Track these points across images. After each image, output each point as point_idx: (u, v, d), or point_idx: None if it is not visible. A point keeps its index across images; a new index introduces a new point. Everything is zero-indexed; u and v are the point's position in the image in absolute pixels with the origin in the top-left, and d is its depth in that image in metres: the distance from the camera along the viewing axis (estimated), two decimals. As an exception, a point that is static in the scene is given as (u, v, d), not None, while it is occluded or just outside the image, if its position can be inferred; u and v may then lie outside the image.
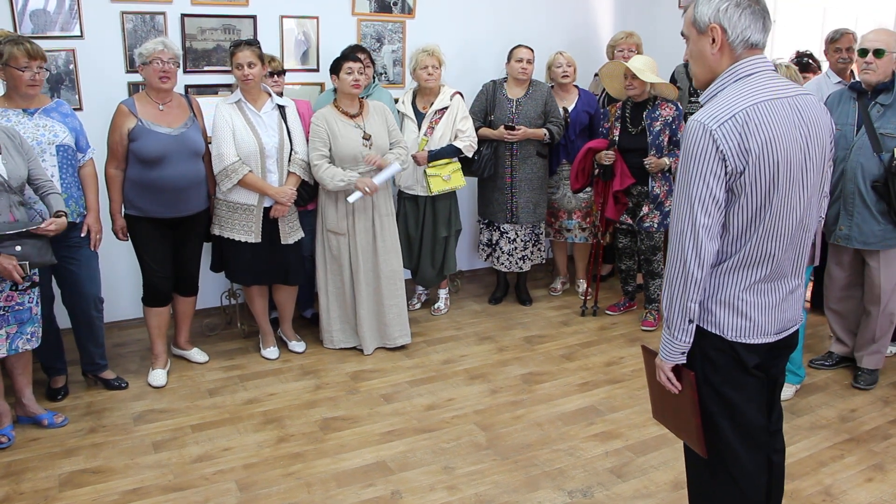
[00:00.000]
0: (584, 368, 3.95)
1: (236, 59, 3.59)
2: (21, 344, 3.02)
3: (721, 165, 1.73)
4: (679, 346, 1.90)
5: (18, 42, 3.10)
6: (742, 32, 1.78)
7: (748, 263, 1.85)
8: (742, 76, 1.80)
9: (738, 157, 1.72)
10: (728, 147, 1.71)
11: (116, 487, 2.83)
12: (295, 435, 3.24)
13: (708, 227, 1.77)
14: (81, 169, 3.37)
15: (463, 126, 4.38)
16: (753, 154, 1.72)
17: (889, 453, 3.10)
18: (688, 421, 1.99)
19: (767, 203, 1.78)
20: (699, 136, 1.74)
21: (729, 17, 1.77)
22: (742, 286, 1.87)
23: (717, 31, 1.79)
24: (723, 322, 1.89)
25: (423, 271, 4.58)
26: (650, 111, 4.26)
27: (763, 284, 1.88)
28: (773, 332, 1.93)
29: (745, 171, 1.74)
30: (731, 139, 1.71)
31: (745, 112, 1.72)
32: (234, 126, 3.62)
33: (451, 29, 4.95)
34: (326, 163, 3.80)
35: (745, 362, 1.90)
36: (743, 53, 1.81)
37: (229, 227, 3.72)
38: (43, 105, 3.25)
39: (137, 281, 3.78)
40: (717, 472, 2.03)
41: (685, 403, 1.97)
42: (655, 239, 4.40)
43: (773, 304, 1.90)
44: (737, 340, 1.89)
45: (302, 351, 4.08)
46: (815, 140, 1.82)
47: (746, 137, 1.71)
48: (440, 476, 2.94)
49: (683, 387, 1.96)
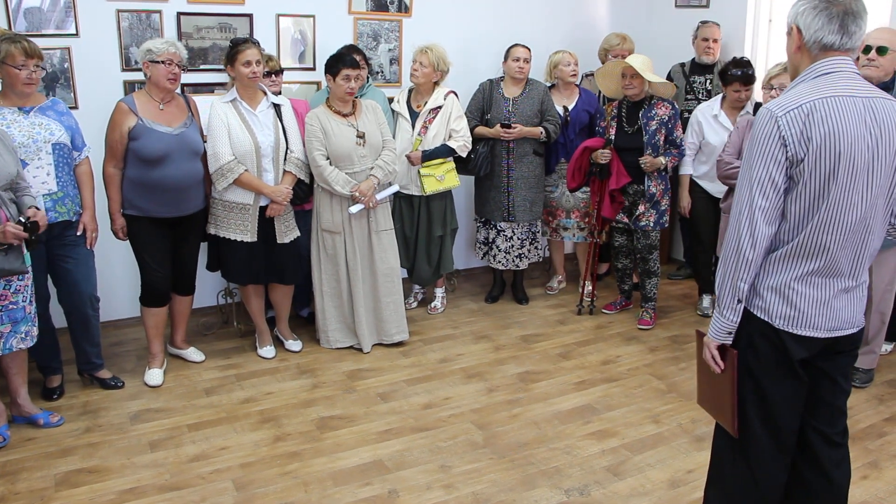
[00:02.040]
0: (581, 367, 3.95)
1: (244, 56, 3.55)
2: (15, 343, 3.00)
3: (782, 151, 1.80)
4: (726, 325, 1.96)
5: (15, 40, 3.09)
6: (815, 34, 1.85)
7: (802, 253, 1.89)
8: (819, 74, 1.86)
9: (798, 145, 1.79)
10: (790, 133, 1.79)
11: (113, 487, 2.83)
12: (292, 434, 3.24)
13: (764, 209, 1.84)
14: (77, 167, 3.36)
15: (457, 126, 4.38)
16: (815, 143, 1.78)
17: (884, 451, 3.11)
18: (723, 400, 2.05)
19: (825, 194, 1.82)
20: (765, 122, 1.83)
21: (804, 18, 1.86)
22: (793, 275, 1.91)
23: (795, 32, 1.89)
24: (771, 308, 1.94)
25: (420, 270, 4.58)
26: (646, 110, 4.27)
27: (815, 277, 1.91)
28: (825, 329, 1.94)
29: (804, 160, 1.80)
30: (794, 126, 1.79)
31: (812, 104, 1.79)
32: (229, 125, 3.61)
33: (448, 28, 4.95)
34: (330, 164, 3.80)
35: (792, 354, 1.94)
36: (819, 54, 1.87)
37: (225, 227, 3.72)
38: (38, 103, 3.24)
39: (134, 280, 3.77)
40: (737, 462, 2.07)
41: (724, 382, 2.04)
42: (651, 238, 4.40)
43: (824, 299, 1.93)
44: (784, 329, 1.93)
45: (298, 350, 4.08)
46: (887, 142, 1.85)
47: (809, 127, 1.78)
48: (437, 475, 2.94)
49: (726, 366, 2.02)
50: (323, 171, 3.78)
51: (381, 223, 4.01)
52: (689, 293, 5.11)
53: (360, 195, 3.82)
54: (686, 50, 5.07)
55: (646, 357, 4.09)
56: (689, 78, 4.95)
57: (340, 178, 3.80)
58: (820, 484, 2.11)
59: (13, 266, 2.86)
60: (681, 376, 3.83)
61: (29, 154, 3.13)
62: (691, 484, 2.88)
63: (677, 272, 5.46)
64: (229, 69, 3.64)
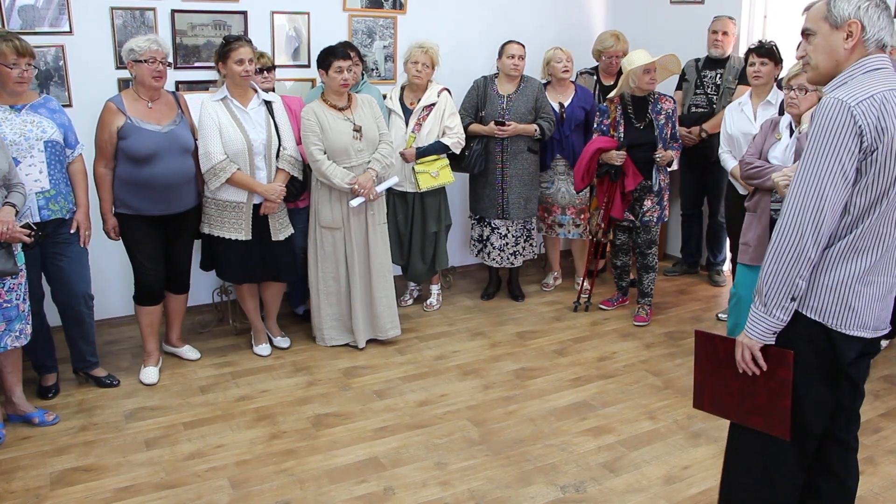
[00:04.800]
0: (577, 364, 3.96)
1: (237, 54, 3.54)
2: (9, 341, 2.99)
3: (857, 142, 1.75)
4: (773, 325, 1.87)
5: (7, 39, 3.07)
6: (878, 32, 1.83)
7: (860, 248, 1.85)
8: (871, 69, 1.83)
9: (874, 135, 1.75)
10: (866, 123, 1.74)
11: (108, 485, 2.82)
12: (287, 431, 3.23)
13: (833, 204, 1.78)
14: (70, 165, 3.35)
15: (450, 123, 4.37)
16: (889, 134, 1.75)
17: (880, 446, 3.12)
18: (769, 404, 1.94)
19: (891, 186, 1.80)
20: (837, 112, 1.75)
21: (870, 15, 1.82)
22: (850, 272, 1.86)
23: (856, 28, 1.83)
24: (825, 308, 1.87)
25: (414, 266, 4.57)
26: (653, 105, 4.27)
27: (870, 275, 1.88)
28: (872, 328, 1.91)
29: (877, 151, 1.76)
30: (870, 116, 1.74)
31: (883, 95, 1.76)
32: (220, 124, 3.58)
33: (443, 25, 4.95)
34: (328, 159, 3.79)
35: (843, 356, 1.88)
36: (872, 52, 1.85)
37: (219, 226, 3.71)
38: (30, 101, 3.23)
39: (128, 278, 3.76)
40: (754, 467, 2.01)
41: (771, 385, 1.93)
42: (652, 232, 4.42)
43: (876, 297, 1.90)
44: (837, 329, 1.87)
45: (287, 347, 4.07)
46: None
47: (884, 116, 1.75)
48: (433, 472, 2.94)
49: (771, 367, 1.92)
50: (321, 165, 3.78)
51: (379, 217, 4.01)
52: (685, 289, 5.12)
53: (360, 188, 3.81)
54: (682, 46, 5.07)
55: (642, 353, 4.10)
56: (700, 73, 4.94)
57: (339, 171, 3.79)
58: (831, 488, 2.10)
59: (6, 267, 2.85)
60: (677, 372, 3.83)
61: (21, 152, 3.12)
62: (687, 480, 2.89)
63: (673, 268, 5.47)
64: (221, 66, 3.62)
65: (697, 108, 4.91)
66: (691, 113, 4.91)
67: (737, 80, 4.77)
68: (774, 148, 3.48)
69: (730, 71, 4.80)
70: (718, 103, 4.83)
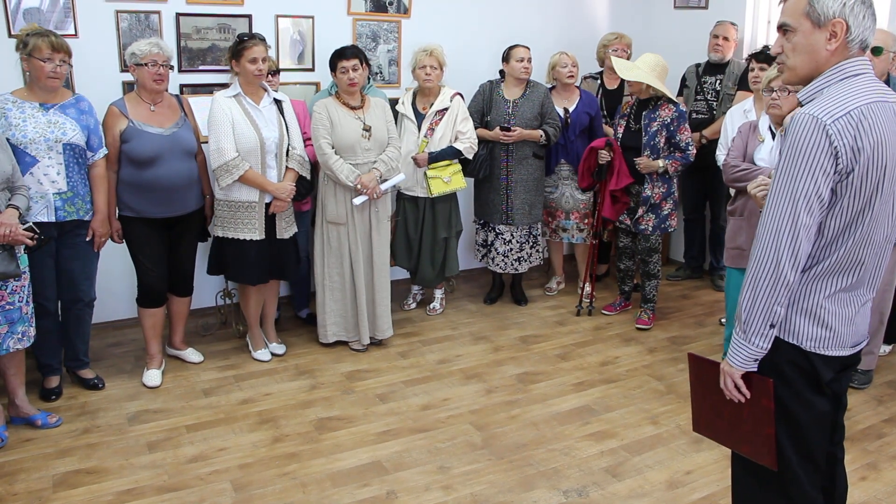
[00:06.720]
0: (580, 368, 3.95)
1: (251, 52, 3.54)
2: (12, 344, 3.00)
3: (832, 162, 1.64)
4: (754, 352, 1.80)
5: (43, 34, 3.16)
6: (863, 33, 1.71)
7: (837, 270, 1.77)
8: (849, 75, 1.71)
9: (850, 156, 1.64)
10: (842, 143, 1.63)
11: (111, 488, 2.82)
12: (290, 435, 3.23)
13: (808, 227, 1.68)
14: (91, 168, 3.38)
15: (463, 127, 4.37)
16: (865, 154, 1.65)
17: (883, 452, 3.11)
18: (754, 432, 1.88)
19: (868, 208, 1.71)
20: (810, 130, 1.64)
21: (856, 14, 1.69)
22: (825, 294, 1.78)
23: (841, 28, 1.69)
24: (801, 332, 1.80)
25: (423, 272, 4.57)
26: (650, 111, 4.25)
27: (844, 294, 1.80)
28: (850, 345, 1.85)
29: (853, 172, 1.65)
30: (846, 136, 1.63)
31: (860, 110, 1.65)
32: (233, 120, 3.58)
33: (447, 29, 4.95)
34: (335, 154, 3.80)
35: (822, 376, 1.82)
36: (854, 54, 1.73)
37: (233, 227, 3.69)
38: (62, 101, 3.27)
39: (132, 280, 3.76)
40: (768, 490, 1.94)
41: (756, 413, 1.86)
42: (651, 241, 4.40)
43: (851, 315, 1.82)
44: (815, 351, 1.80)
45: (282, 353, 4.05)
46: None
47: (860, 136, 1.64)
48: (436, 476, 2.94)
49: (755, 395, 1.85)
50: (328, 159, 3.78)
51: (383, 215, 4.01)
52: (688, 294, 5.11)
53: (363, 187, 3.82)
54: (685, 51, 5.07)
55: (644, 358, 4.09)
56: (700, 79, 4.94)
57: (345, 167, 3.79)
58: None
59: (7, 269, 2.85)
60: (679, 377, 3.83)
61: (39, 151, 3.17)
62: (690, 485, 2.88)
63: (676, 273, 5.46)
64: (234, 64, 3.62)
65: (698, 115, 4.91)
66: (692, 119, 4.90)
67: (736, 86, 4.77)
68: (759, 150, 3.48)
69: (729, 76, 4.81)
70: (718, 109, 4.83)
